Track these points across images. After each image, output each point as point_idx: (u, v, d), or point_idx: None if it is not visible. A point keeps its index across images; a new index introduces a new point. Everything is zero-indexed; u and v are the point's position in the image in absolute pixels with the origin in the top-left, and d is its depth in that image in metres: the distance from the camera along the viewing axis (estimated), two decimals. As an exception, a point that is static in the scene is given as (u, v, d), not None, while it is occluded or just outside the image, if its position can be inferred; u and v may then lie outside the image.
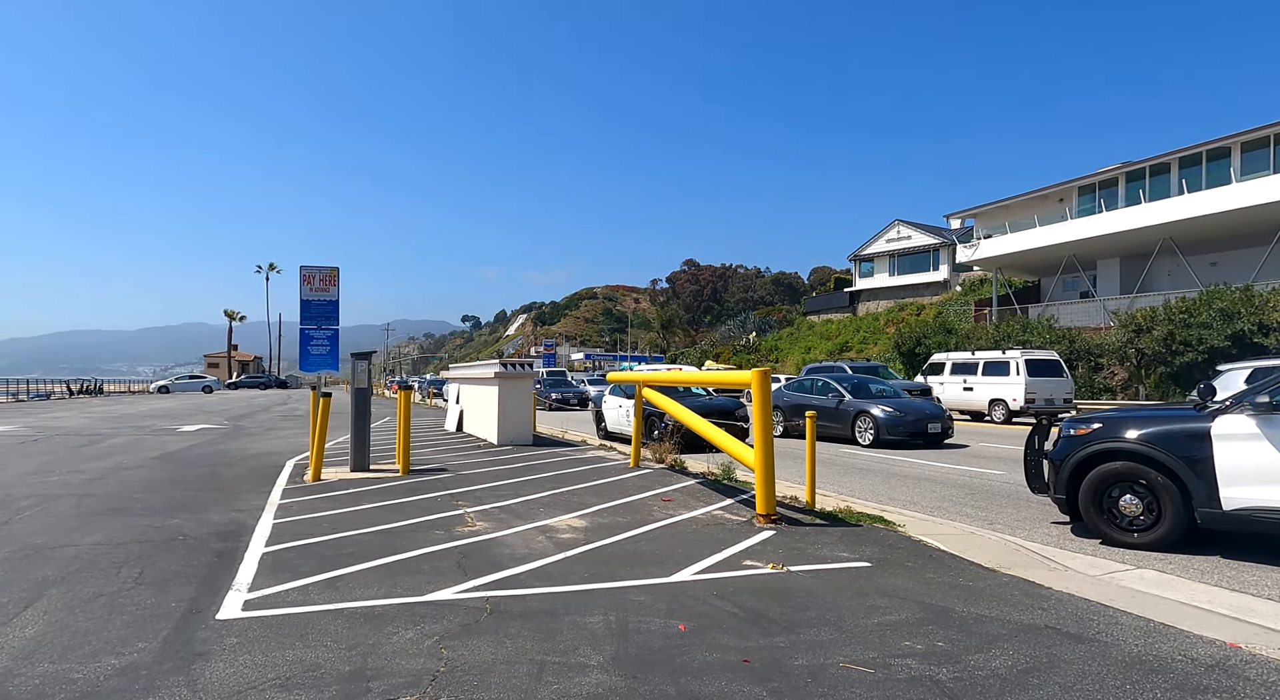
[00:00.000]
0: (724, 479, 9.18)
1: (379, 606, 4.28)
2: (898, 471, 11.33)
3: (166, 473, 9.79)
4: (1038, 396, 20.80)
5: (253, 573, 4.96)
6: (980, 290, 46.59)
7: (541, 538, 6.13)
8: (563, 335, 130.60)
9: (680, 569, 5.15)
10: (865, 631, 3.92)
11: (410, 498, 7.98)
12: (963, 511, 7.94)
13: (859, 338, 50.83)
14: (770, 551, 5.66)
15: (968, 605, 4.36)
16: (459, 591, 4.60)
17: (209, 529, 6.32)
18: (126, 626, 3.90)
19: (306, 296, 10.02)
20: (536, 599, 4.48)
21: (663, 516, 7.02)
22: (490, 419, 14.25)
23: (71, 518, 6.69)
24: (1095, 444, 6.23)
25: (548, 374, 39.91)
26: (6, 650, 3.55)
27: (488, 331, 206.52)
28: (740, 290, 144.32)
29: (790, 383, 18.36)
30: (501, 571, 5.06)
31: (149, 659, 3.48)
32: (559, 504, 7.66)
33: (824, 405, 15.77)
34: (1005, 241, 35.37)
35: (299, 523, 6.62)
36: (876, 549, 5.78)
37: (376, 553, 5.52)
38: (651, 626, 4.00)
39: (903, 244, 52.87)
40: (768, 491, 6.68)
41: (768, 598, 4.51)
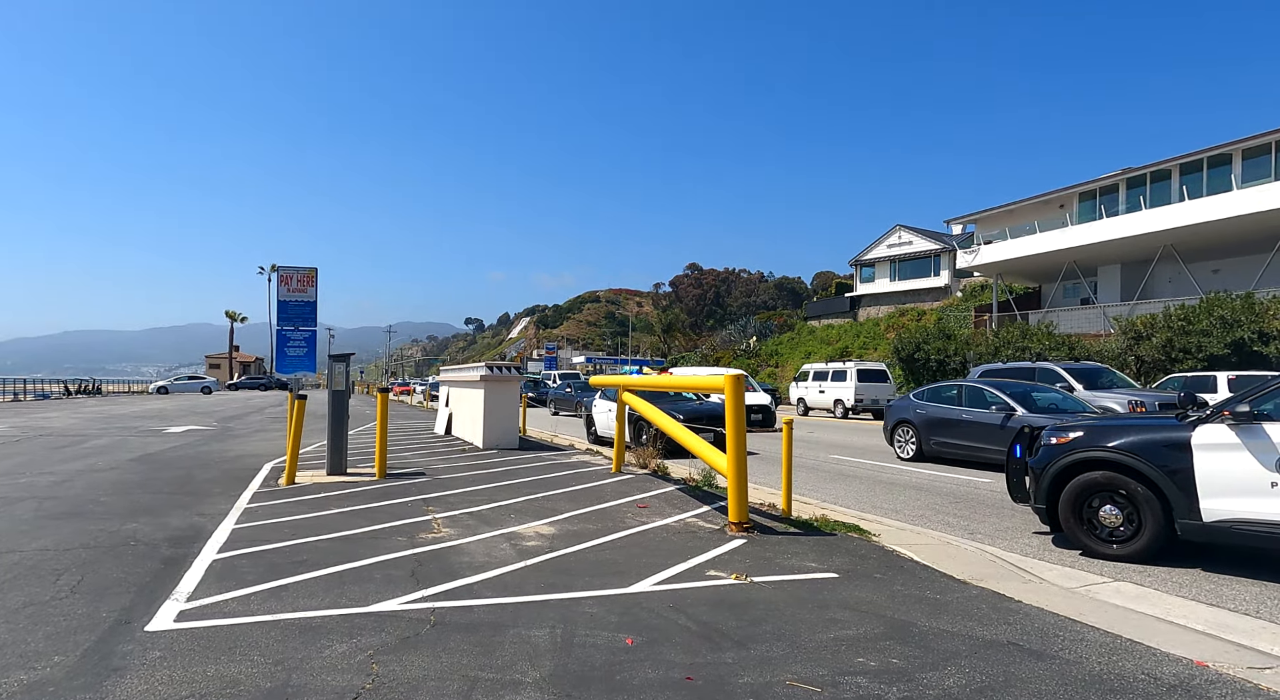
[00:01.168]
0: (704, 485, 9.01)
1: (317, 618, 4.12)
2: (885, 478, 11.14)
3: (139, 475, 9.65)
4: (865, 397, 26.94)
5: (196, 581, 4.80)
6: (981, 296, 46.35)
7: (505, 545, 5.97)
8: (565, 338, 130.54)
9: (640, 579, 4.99)
10: (819, 647, 3.75)
11: (380, 503, 7.82)
12: (944, 521, 7.76)
13: (859, 343, 50.59)
14: (737, 561, 5.49)
15: (931, 619, 4.19)
16: (405, 602, 4.44)
17: (165, 534, 6.17)
18: (47, 638, 3.74)
19: (284, 297, 9.89)
20: (485, 610, 4.31)
21: (635, 524, 6.86)
22: (476, 422, 14.10)
23: (26, 521, 6.55)
24: (1075, 453, 6.05)
25: (560, 377, 39.68)
26: (-87, 662, 3.40)
27: (491, 334, 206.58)
28: (743, 294, 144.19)
29: (924, 391, 14.38)
30: (455, 581, 4.90)
31: (60, 674, 3.33)
32: (531, 510, 7.50)
33: (982, 421, 12.10)
34: (1006, 247, 35.15)
35: (259, 528, 6.47)
36: (846, 559, 5.60)
37: (331, 560, 5.37)
38: (598, 641, 3.83)
39: (904, 249, 52.65)
40: (740, 498, 6.51)
41: (724, 610, 4.34)
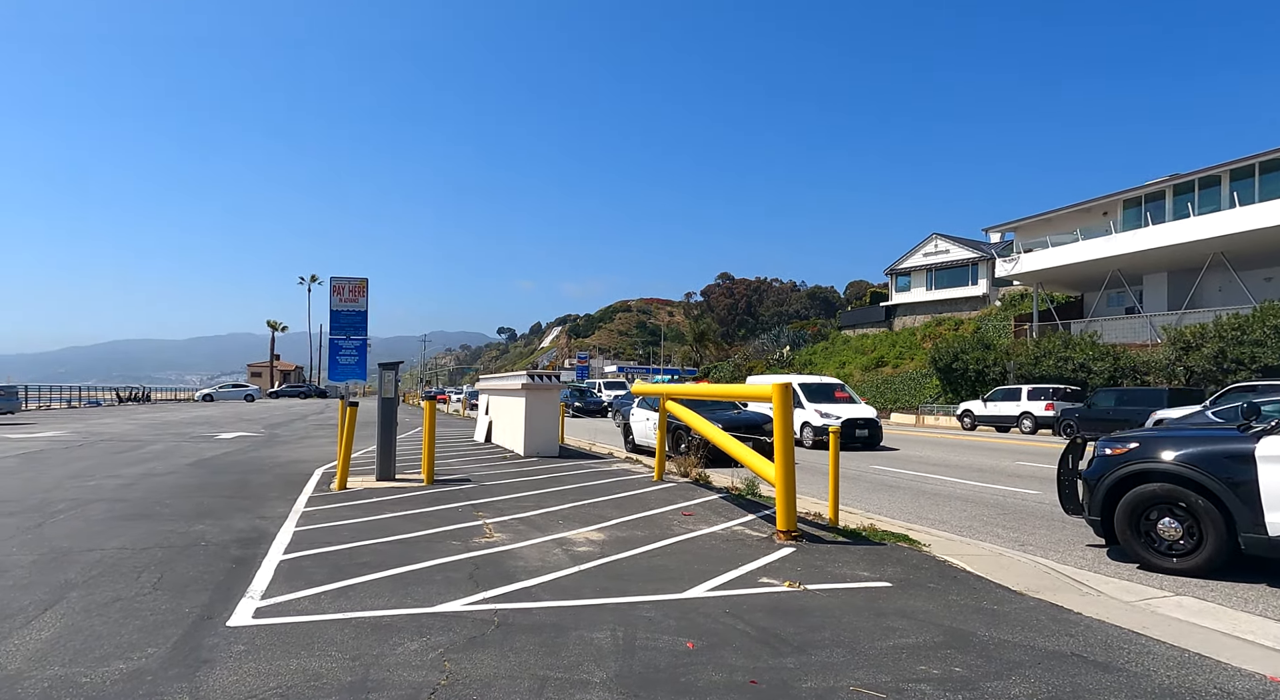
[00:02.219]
0: (747, 494, 9.03)
1: (387, 617, 4.27)
2: (928, 489, 11.04)
3: (198, 479, 10.00)
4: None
5: (268, 580, 5.00)
6: (1020, 305, 45.51)
7: (558, 550, 6.08)
8: (596, 348, 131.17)
9: (694, 585, 5.05)
10: (880, 654, 3.78)
11: (431, 508, 8.00)
12: (993, 532, 7.69)
13: (895, 352, 50.01)
14: (788, 569, 5.53)
15: (990, 630, 4.18)
16: (468, 603, 4.57)
17: (231, 535, 6.41)
18: (138, 631, 3.95)
19: (336, 307, 10.19)
20: (545, 613, 4.42)
21: (682, 531, 6.93)
22: (517, 430, 14.29)
23: (100, 522, 6.85)
24: (1131, 465, 5.97)
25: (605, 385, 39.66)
26: (21, 652, 3.61)
27: (523, 343, 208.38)
28: (774, 304, 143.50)
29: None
30: (513, 584, 5.02)
31: (155, 665, 3.51)
32: (579, 517, 7.61)
33: None
34: (1047, 256, 34.51)
35: (319, 531, 6.68)
36: (899, 569, 5.60)
37: (391, 562, 5.53)
38: (659, 644, 3.91)
39: (940, 258, 51.97)
40: (788, 507, 6.54)
41: (781, 617, 4.38)
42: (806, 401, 18.41)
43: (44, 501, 7.86)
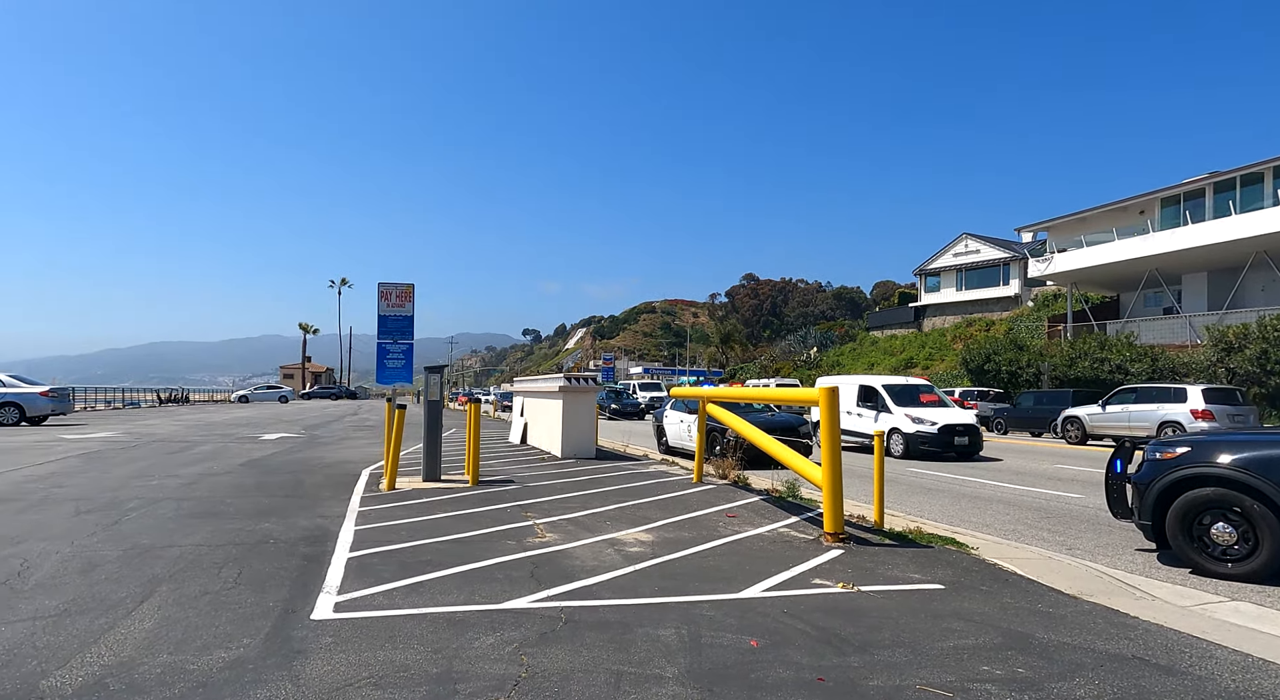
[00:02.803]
0: (788, 496, 9.13)
1: (460, 612, 4.46)
2: (968, 492, 11.03)
3: (253, 479, 10.33)
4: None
5: (340, 576, 5.22)
6: (1054, 306, 44.85)
7: (610, 550, 6.24)
8: (621, 349, 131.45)
9: (749, 585, 5.18)
10: (941, 655, 3.88)
11: (481, 508, 8.21)
12: (1038, 536, 7.71)
13: (924, 354, 49.56)
14: (839, 571, 5.63)
15: (1049, 632, 4.26)
16: (534, 601, 4.75)
17: (296, 534, 6.66)
18: (231, 623, 4.18)
19: (384, 311, 10.47)
20: (609, 611, 4.58)
21: (728, 533, 7.05)
22: (554, 432, 14.51)
23: (172, 520, 7.15)
24: (1183, 468, 5.97)
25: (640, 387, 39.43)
26: (130, 641, 3.85)
27: (547, 345, 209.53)
28: (800, 305, 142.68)
29: None
30: (573, 582, 5.19)
31: (254, 654, 3.73)
32: (625, 518, 7.77)
33: None
34: (1081, 255, 33.99)
35: (378, 530, 6.91)
36: (949, 571, 5.67)
37: (453, 561, 5.73)
38: (724, 641, 4.05)
39: (971, 258, 51.40)
40: (835, 510, 6.64)
41: (839, 617, 4.50)
42: (894, 405, 16.81)
43: (114, 500, 8.20)
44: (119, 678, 3.39)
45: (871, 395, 17.51)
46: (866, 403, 17.56)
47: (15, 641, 3.80)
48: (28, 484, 9.36)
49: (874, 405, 17.23)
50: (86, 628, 4.03)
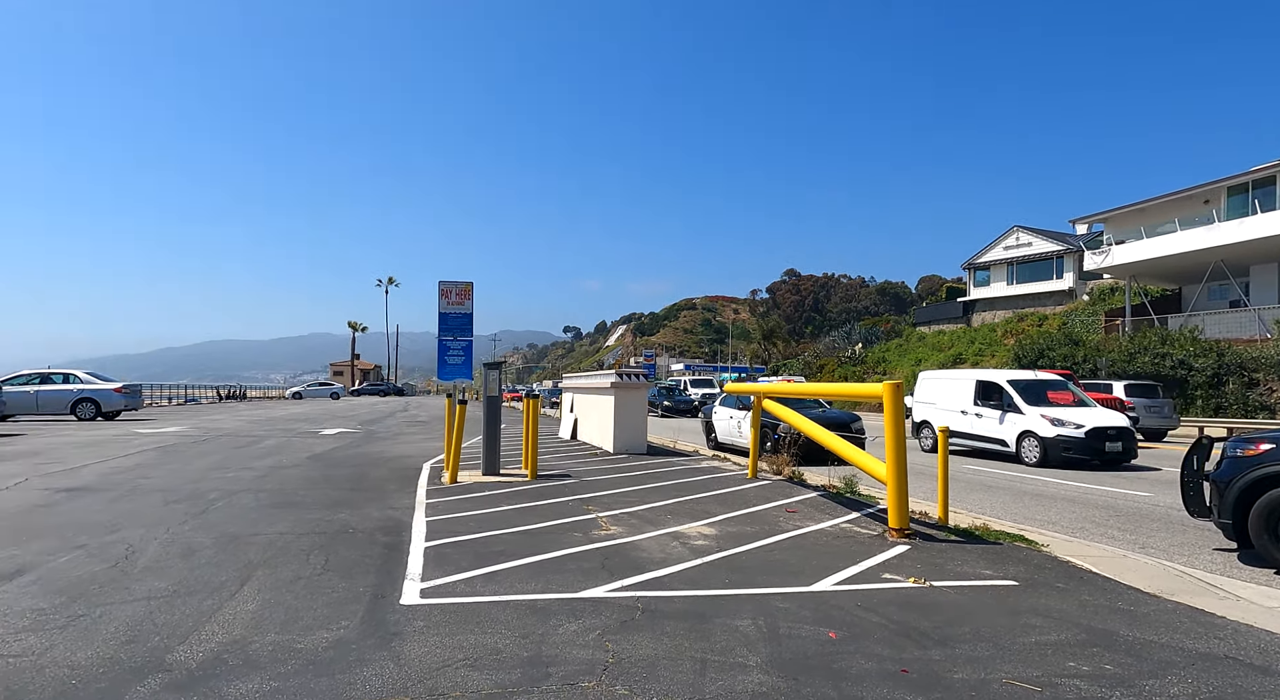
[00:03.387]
0: (846, 492, 9.10)
1: (540, 600, 4.60)
2: (1029, 490, 10.84)
3: (320, 472, 10.71)
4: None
5: (420, 565, 5.42)
6: (1111, 299, 43.45)
7: (675, 544, 6.33)
8: (662, 346, 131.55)
9: (819, 579, 5.22)
10: (1024, 650, 3.87)
11: (543, 501, 8.39)
12: (1108, 534, 7.56)
13: (974, 349, 48.46)
14: (909, 566, 5.62)
15: (1132, 630, 4.21)
16: (609, 590, 4.86)
17: (372, 524, 6.92)
18: (327, 606, 4.39)
19: (444, 309, 10.73)
20: (683, 601, 4.67)
21: (790, 527, 7.08)
22: (605, 428, 14.67)
23: (253, 510, 7.49)
24: (1266, 466, 5.81)
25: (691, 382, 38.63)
26: (238, 620, 4.09)
27: (588, 342, 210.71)
28: (842, 300, 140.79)
29: None
30: (644, 574, 5.29)
31: (353, 635, 3.92)
32: (684, 512, 7.85)
33: None
34: (1141, 247, 32.85)
35: (448, 521, 7.13)
36: (1021, 568, 5.62)
37: (524, 551, 5.89)
38: (802, 633, 4.10)
39: (1022, 251, 50.07)
40: (901, 505, 6.62)
41: (914, 611, 4.51)
42: (1024, 404, 14.39)
43: (197, 491, 8.61)
44: (235, 654, 3.61)
45: (994, 392, 15.23)
46: (987, 401, 15.25)
47: (137, 619, 4.06)
48: (115, 475, 9.88)
49: (998, 404, 14.91)
50: (197, 608, 4.29)
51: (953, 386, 16.64)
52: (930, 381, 17.77)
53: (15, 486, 8.74)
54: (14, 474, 9.87)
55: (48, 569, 5.09)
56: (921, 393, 17.62)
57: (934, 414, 16.61)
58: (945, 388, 16.89)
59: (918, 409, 17.35)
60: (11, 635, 3.79)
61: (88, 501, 7.79)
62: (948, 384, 17.01)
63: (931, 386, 17.45)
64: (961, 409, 15.86)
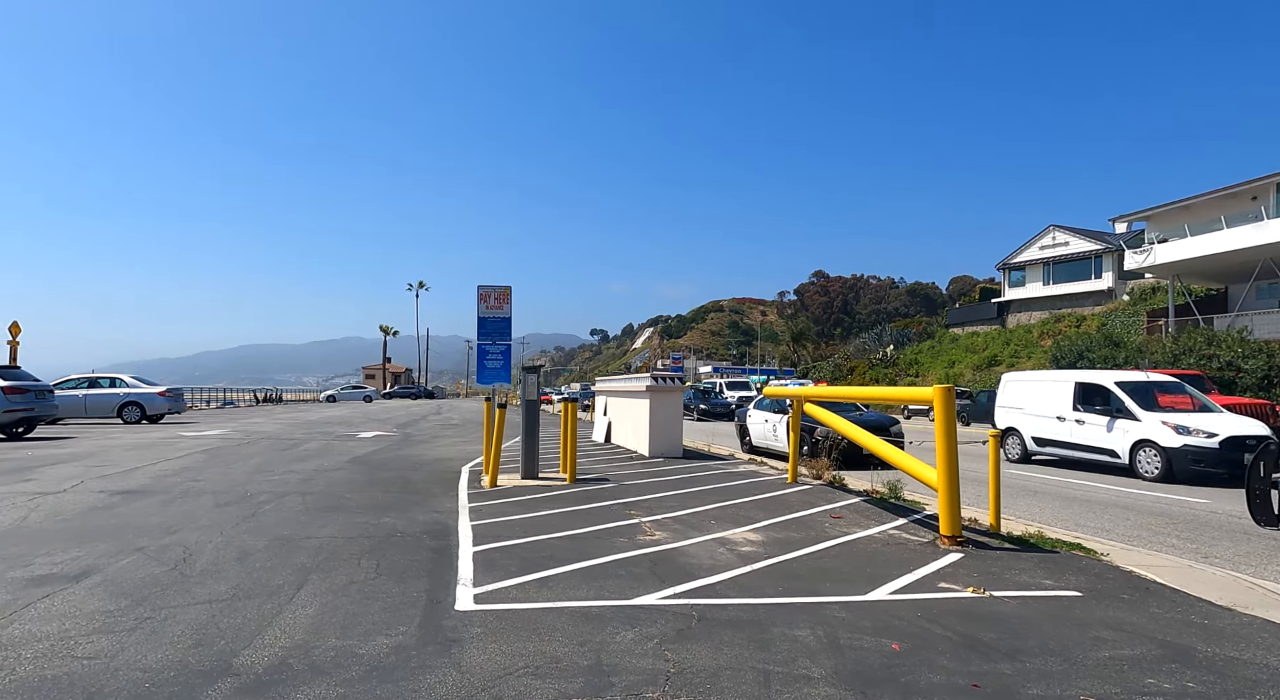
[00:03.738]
0: (891, 497, 8.96)
1: (594, 607, 4.57)
2: (1077, 495, 10.57)
3: (363, 475, 10.83)
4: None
5: (471, 570, 5.42)
6: (1152, 300, 42.36)
7: (722, 550, 6.27)
8: (689, 348, 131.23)
9: (874, 588, 5.12)
10: (1098, 665, 3.74)
11: (585, 506, 8.37)
12: (1167, 542, 7.32)
13: (1009, 351, 47.54)
14: (965, 575, 5.50)
15: (1211, 646, 4.05)
16: (662, 597, 4.82)
17: (418, 528, 6.96)
18: (384, 611, 4.41)
19: (483, 313, 10.79)
20: (739, 609, 4.61)
21: (837, 534, 6.97)
22: (641, 431, 14.64)
23: (302, 513, 7.58)
24: (1344, 474, 5.56)
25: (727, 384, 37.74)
26: (299, 625, 4.12)
27: (615, 345, 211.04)
28: (872, 301, 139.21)
29: None
30: (695, 581, 5.24)
31: (412, 641, 3.93)
32: (728, 517, 7.78)
33: None
34: (1185, 246, 31.96)
35: (494, 525, 7.14)
36: (1082, 578, 5.46)
37: (572, 557, 5.87)
38: (864, 644, 4.02)
39: (1059, 251, 49.04)
40: (952, 512, 6.48)
41: (977, 622, 4.39)
42: (1139, 408, 12.82)
43: (245, 494, 8.75)
44: (299, 659, 3.63)
45: (1098, 395, 13.68)
46: (1092, 406, 13.66)
47: (201, 622, 4.12)
48: (166, 478, 10.09)
49: (1107, 410, 13.28)
50: (258, 611, 4.34)
51: (1045, 389, 14.98)
52: (1017, 384, 16.05)
53: (73, 489, 8.97)
54: (71, 476, 10.13)
55: (112, 571, 5.19)
56: (1007, 397, 16.04)
57: (1023, 420, 15.23)
58: (1036, 391, 15.24)
59: (1002, 415, 15.94)
60: (84, 637, 3.87)
61: (143, 504, 7.95)
62: (1039, 387, 15.28)
63: (1019, 390, 15.78)
64: (1058, 414, 14.26)
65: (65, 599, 4.53)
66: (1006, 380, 16.52)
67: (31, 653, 3.64)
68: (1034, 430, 14.89)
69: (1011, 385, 16.20)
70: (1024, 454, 15.14)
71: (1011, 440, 15.50)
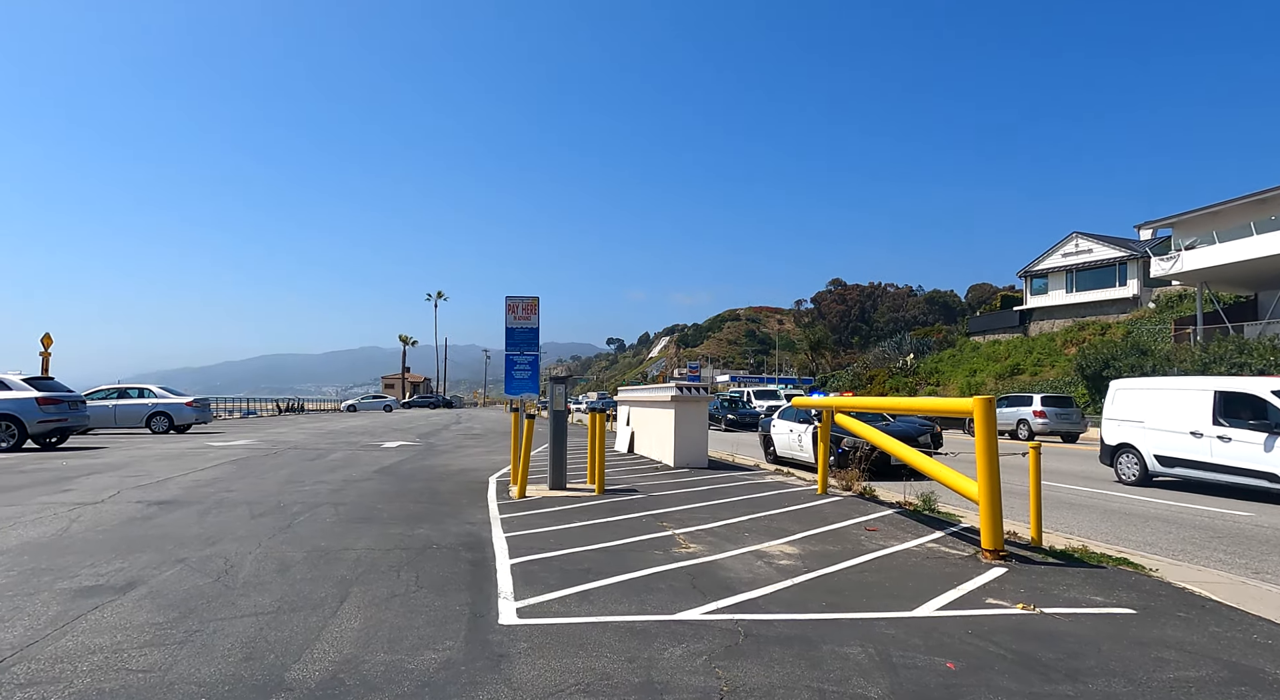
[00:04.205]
0: (925, 509, 8.83)
1: (639, 622, 4.53)
2: (1115, 508, 10.37)
3: (391, 486, 10.87)
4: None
5: (510, 583, 5.40)
6: (1179, 307, 41.73)
7: (760, 563, 6.20)
8: (705, 357, 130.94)
9: (920, 603, 5.03)
10: (1164, 687, 3.64)
11: (615, 517, 8.33)
12: (1214, 557, 7.15)
13: (1032, 359, 46.98)
14: (1011, 591, 5.39)
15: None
16: (705, 613, 4.76)
17: (453, 540, 6.95)
18: (429, 625, 4.39)
19: (511, 324, 10.81)
20: (784, 625, 4.54)
21: (874, 547, 6.88)
22: (665, 441, 14.58)
23: (336, 524, 7.60)
24: None
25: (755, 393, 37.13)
26: (346, 639, 4.11)
27: (631, 354, 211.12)
28: (890, 309, 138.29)
29: None
30: (736, 595, 5.18)
31: (460, 656, 3.90)
32: (761, 529, 7.70)
33: None
34: (1213, 252, 31.47)
35: (527, 537, 7.12)
36: (1133, 595, 5.33)
37: (610, 570, 5.83)
38: (917, 662, 3.94)
39: (1082, 258, 48.49)
40: (995, 525, 6.36)
41: (1032, 641, 4.30)
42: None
43: (279, 504, 8.80)
44: (350, 674, 3.62)
45: (1248, 408, 11.46)
46: (1239, 419, 11.47)
47: (249, 636, 4.12)
48: (199, 488, 10.18)
49: (1263, 425, 11.09)
50: (304, 624, 4.33)
51: (1173, 399, 12.67)
52: (1132, 393, 13.64)
53: (110, 499, 9.07)
54: (107, 486, 10.26)
55: (156, 582, 5.22)
56: (1121, 407, 13.67)
57: (1144, 436, 12.85)
58: (1159, 401, 12.88)
59: (1114, 429, 13.62)
60: (136, 649, 3.88)
61: (180, 514, 8.02)
62: (1166, 397, 12.88)
63: (1137, 400, 13.37)
64: (1192, 430, 11.99)
65: (114, 611, 4.55)
66: (1117, 388, 14.16)
67: (87, 665, 3.66)
68: (1158, 447, 12.60)
69: (1124, 394, 13.83)
70: (1144, 475, 12.89)
71: (1126, 459, 13.28)
